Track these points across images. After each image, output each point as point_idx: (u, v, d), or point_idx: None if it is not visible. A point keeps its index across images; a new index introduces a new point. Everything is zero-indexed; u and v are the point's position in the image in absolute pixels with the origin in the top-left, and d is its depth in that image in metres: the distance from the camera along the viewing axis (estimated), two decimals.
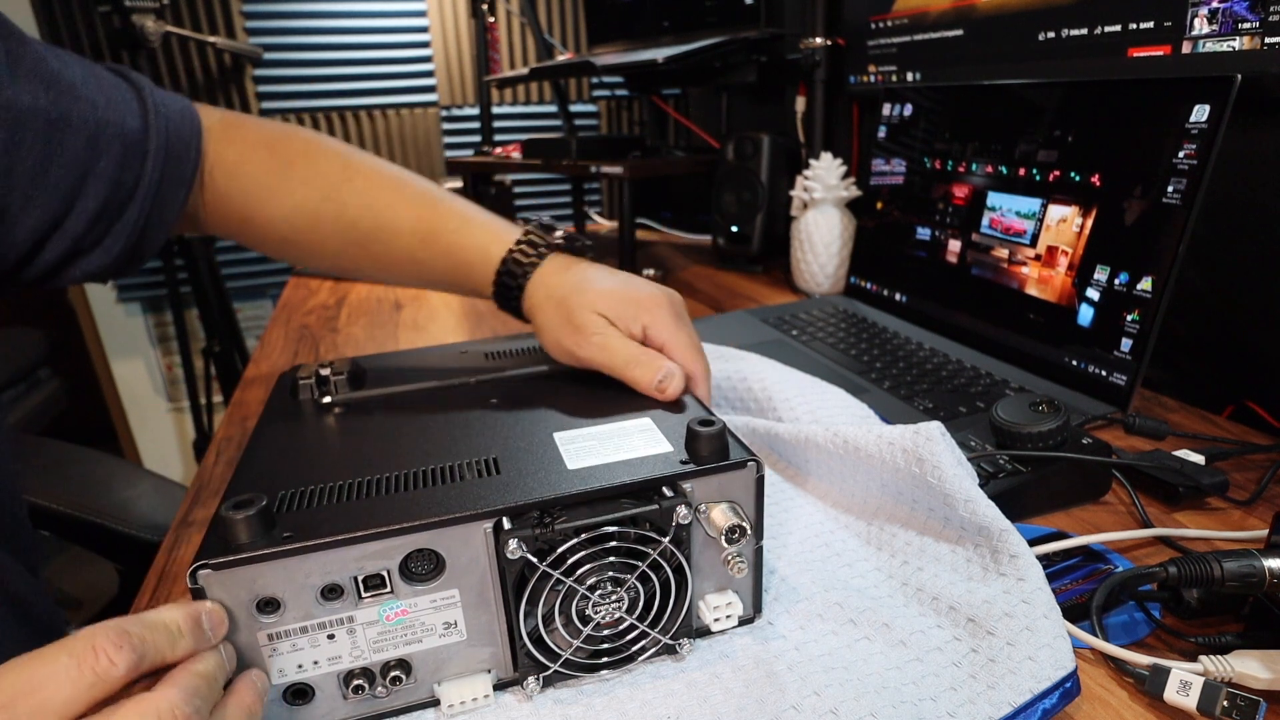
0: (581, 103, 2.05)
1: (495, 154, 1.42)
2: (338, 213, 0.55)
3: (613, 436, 0.41)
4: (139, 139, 0.49)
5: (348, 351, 0.92)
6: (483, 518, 0.34)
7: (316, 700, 0.35)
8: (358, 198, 0.55)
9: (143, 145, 0.49)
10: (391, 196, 0.56)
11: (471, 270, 0.55)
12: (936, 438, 0.45)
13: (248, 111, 1.78)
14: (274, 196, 0.55)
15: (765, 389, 0.60)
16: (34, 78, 0.44)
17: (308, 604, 0.33)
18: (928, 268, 0.87)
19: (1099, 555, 0.47)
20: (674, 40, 1.31)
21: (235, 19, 1.72)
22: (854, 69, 1.09)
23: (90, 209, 0.47)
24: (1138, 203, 0.63)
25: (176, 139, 0.52)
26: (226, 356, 1.81)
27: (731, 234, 1.22)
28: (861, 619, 0.41)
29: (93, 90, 0.47)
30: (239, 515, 0.32)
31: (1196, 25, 0.64)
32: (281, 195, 0.55)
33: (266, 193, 0.55)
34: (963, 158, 0.83)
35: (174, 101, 0.53)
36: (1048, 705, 0.34)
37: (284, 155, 0.56)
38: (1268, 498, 0.53)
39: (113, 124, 0.48)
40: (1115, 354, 0.65)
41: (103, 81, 0.49)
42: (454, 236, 0.55)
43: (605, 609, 0.36)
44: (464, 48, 1.89)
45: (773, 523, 0.50)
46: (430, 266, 0.56)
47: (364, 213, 0.55)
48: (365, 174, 0.56)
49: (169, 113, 0.52)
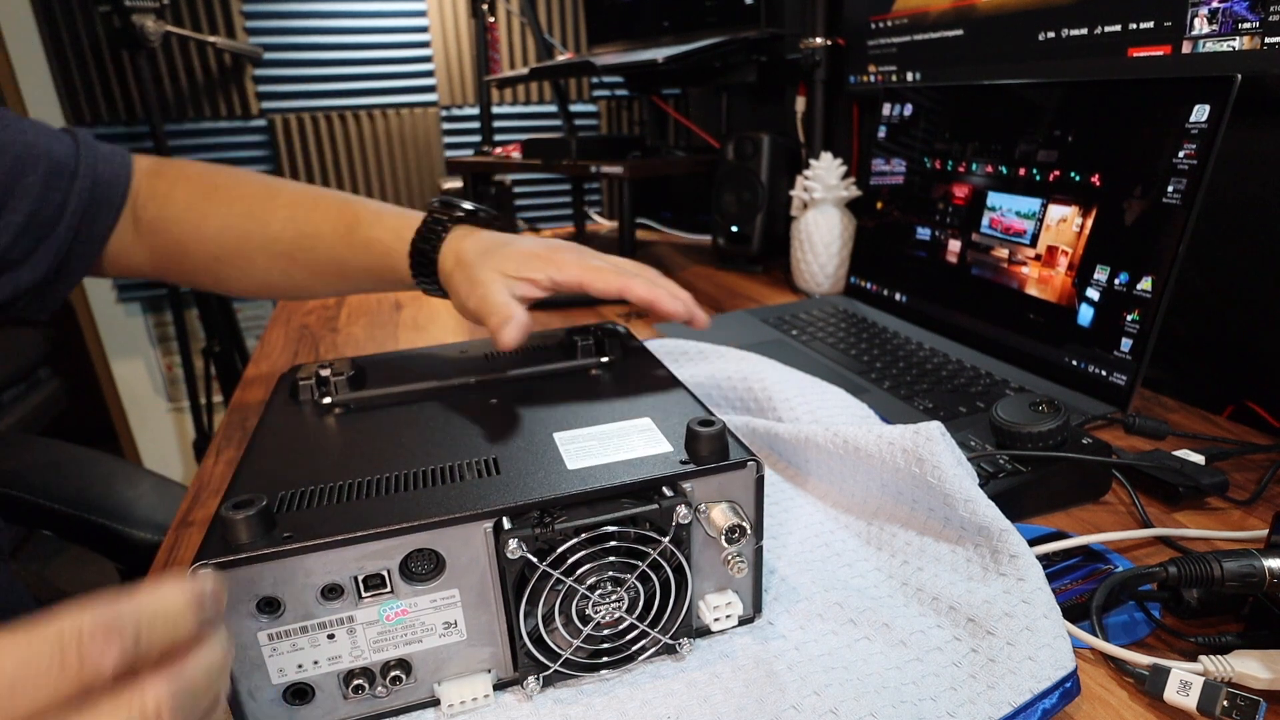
0: (581, 103, 2.05)
1: (495, 154, 1.42)
2: (262, 228, 0.59)
3: (612, 436, 0.41)
4: (66, 163, 0.54)
5: (348, 351, 0.92)
6: (483, 518, 0.34)
7: (316, 700, 0.35)
8: (280, 211, 0.59)
9: (71, 168, 0.54)
10: (310, 206, 0.60)
11: (390, 255, 0.58)
12: (936, 438, 0.45)
13: (249, 112, 1.79)
14: (203, 219, 0.59)
15: (765, 389, 0.60)
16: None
17: (308, 604, 0.33)
18: (928, 268, 0.87)
19: (1099, 555, 0.47)
20: (674, 40, 1.31)
21: (235, 19, 1.72)
22: (854, 69, 1.09)
23: (16, 222, 0.51)
24: (1138, 203, 0.63)
25: (105, 166, 0.56)
26: (226, 356, 1.81)
27: (731, 234, 1.22)
28: (861, 619, 0.41)
29: (26, 125, 0.53)
30: (239, 515, 0.32)
31: (1196, 25, 0.64)
32: (210, 217, 0.59)
33: (196, 215, 0.59)
34: (963, 158, 0.83)
35: (106, 145, 0.58)
36: (1048, 705, 0.34)
37: (209, 183, 0.61)
38: (1268, 498, 0.53)
39: (39, 147, 0.53)
40: (1115, 354, 0.65)
41: (39, 125, 0.55)
42: (369, 230, 0.59)
43: (605, 609, 0.36)
44: (464, 48, 1.89)
45: (773, 523, 0.50)
46: (354, 264, 0.60)
47: (287, 225, 0.59)
48: (285, 192, 0.61)
49: (99, 148, 0.57)
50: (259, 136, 1.82)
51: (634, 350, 0.55)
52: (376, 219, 0.60)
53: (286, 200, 0.60)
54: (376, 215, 0.60)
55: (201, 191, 0.60)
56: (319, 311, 1.10)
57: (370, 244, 0.59)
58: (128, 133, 1.75)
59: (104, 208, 0.56)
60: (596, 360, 0.52)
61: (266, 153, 1.83)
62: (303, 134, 1.84)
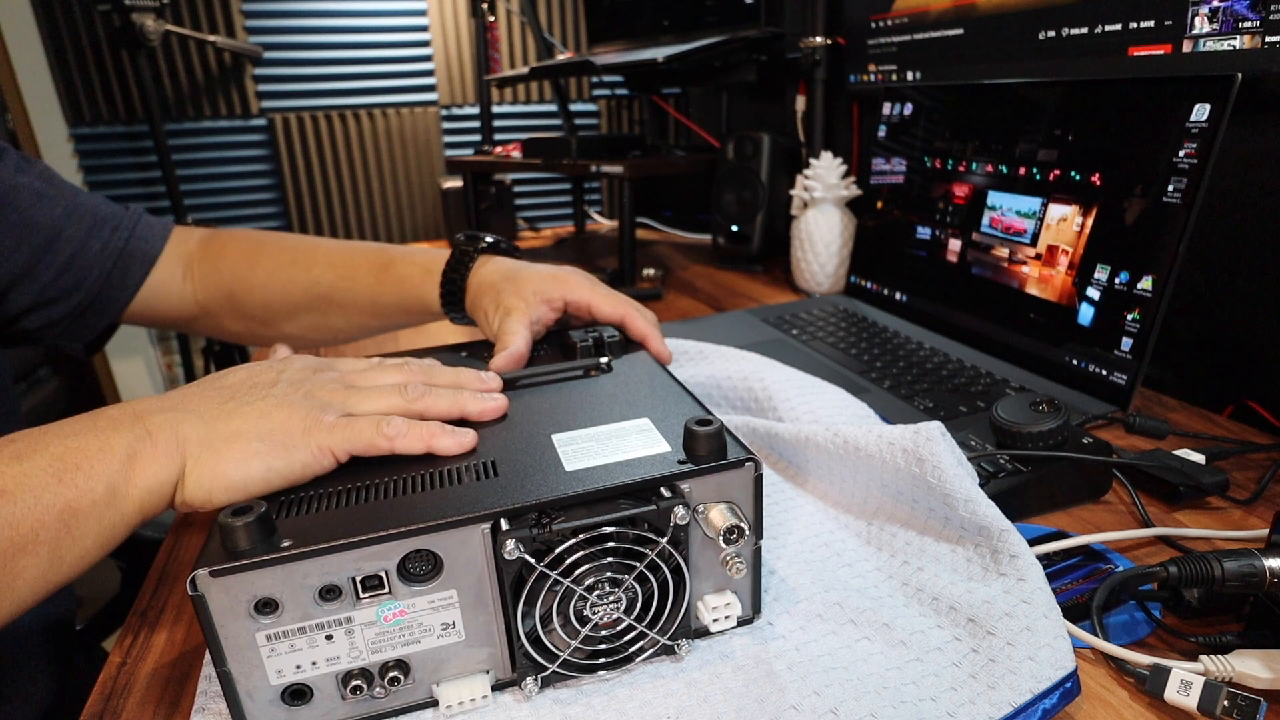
0: (581, 102, 2.05)
1: (495, 153, 1.42)
2: (305, 273, 0.67)
3: (610, 437, 0.40)
4: (110, 218, 0.63)
5: (348, 353, 0.92)
6: (480, 520, 0.34)
7: (315, 701, 0.35)
8: (320, 259, 0.67)
9: (113, 223, 0.63)
10: (347, 252, 0.68)
11: (421, 289, 0.64)
12: (936, 437, 0.45)
13: (249, 111, 1.79)
14: (252, 269, 0.67)
15: (765, 389, 0.60)
16: (35, 173, 0.60)
17: (306, 605, 0.33)
18: (928, 267, 0.87)
19: (1099, 555, 0.47)
20: (674, 39, 1.31)
21: (235, 18, 1.72)
22: (854, 68, 1.09)
23: (58, 263, 0.59)
24: (1138, 202, 0.63)
25: (145, 227, 0.65)
26: (226, 356, 1.81)
27: (731, 233, 1.22)
28: (861, 619, 0.40)
29: (80, 190, 0.62)
30: (238, 522, 0.32)
31: (1197, 24, 0.64)
32: (258, 267, 0.67)
33: (245, 266, 0.67)
34: (963, 157, 0.82)
35: (155, 217, 0.67)
36: (1048, 705, 0.34)
37: (257, 240, 0.69)
38: (1268, 497, 0.53)
39: (88, 205, 0.62)
40: (1115, 353, 0.65)
41: (95, 195, 0.64)
42: (401, 268, 0.65)
43: (603, 609, 0.36)
44: (464, 47, 1.89)
45: (772, 523, 0.50)
46: (387, 301, 0.66)
47: (326, 270, 0.66)
48: (324, 243, 0.69)
49: (146, 216, 0.66)
50: (259, 136, 1.82)
51: (633, 351, 0.55)
52: (407, 257, 0.66)
53: (326, 250, 0.68)
54: (407, 254, 0.66)
55: (251, 247, 0.68)
56: None
57: (402, 280, 0.65)
58: (127, 132, 1.75)
59: (138, 259, 0.64)
60: (595, 361, 0.52)
61: (266, 152, 1.83)
62: (303, 133, 1.84)
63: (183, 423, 0.38)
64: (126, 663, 0.42)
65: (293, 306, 0.67)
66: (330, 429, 0.38)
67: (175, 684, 0.40)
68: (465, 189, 1.44)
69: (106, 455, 0.36)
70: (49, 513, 0.34)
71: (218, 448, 0.37)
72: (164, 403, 0.39)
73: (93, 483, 0.35)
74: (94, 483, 0.35)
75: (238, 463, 0.37)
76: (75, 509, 0.35)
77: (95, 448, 0.36)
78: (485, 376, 0.47)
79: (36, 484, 0.34)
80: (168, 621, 0.45)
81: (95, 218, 0.62)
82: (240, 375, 0.42)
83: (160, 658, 0.42)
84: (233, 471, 0.37)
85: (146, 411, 0.38)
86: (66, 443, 0.36)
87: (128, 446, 0.36)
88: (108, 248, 0.62)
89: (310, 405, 0.39)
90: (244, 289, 0.67)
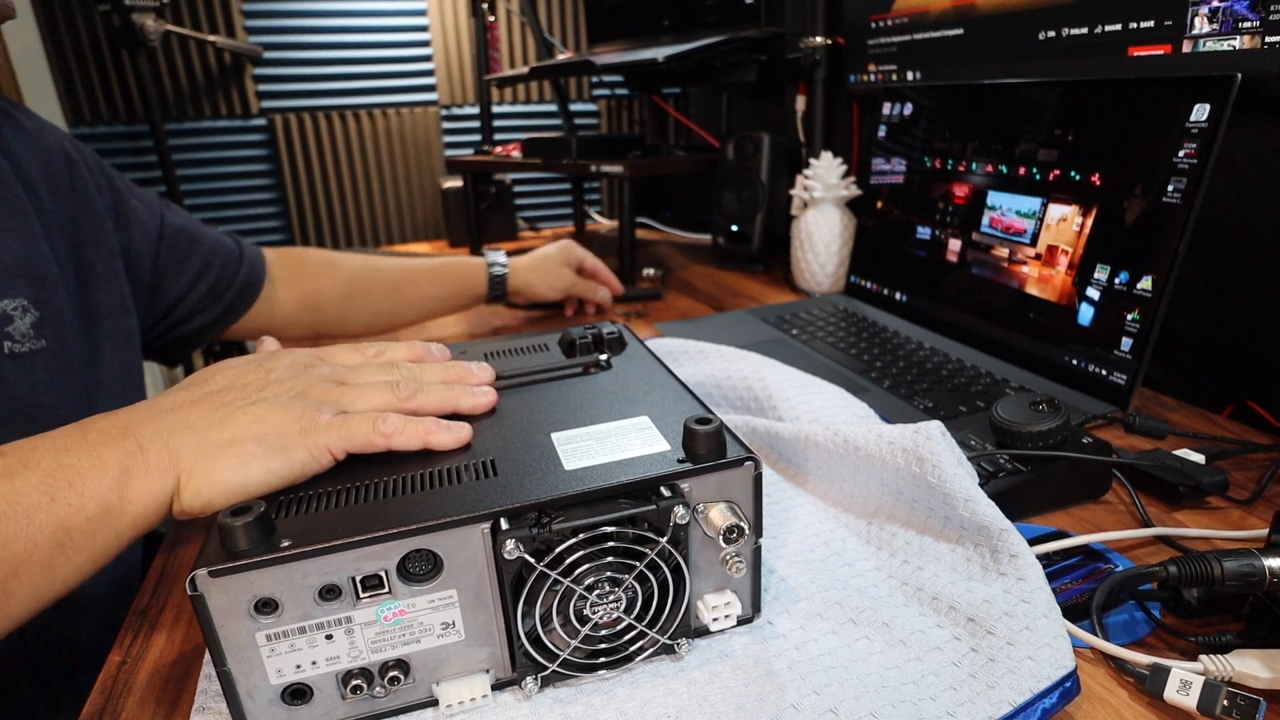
0: (581, 102, 2.05)
1: (495, 153, 1.42)
2: (377, 271, 0.88)
3: (610, 436, 0.40)
4: (234, 253, 0.78)
5: None
6: (480, 519, 0.34)
7: (315, 700, 0.35)
8: (388, 262, 0.89)
9: (237, 257, 0.78)
10: (408, 260, 0.91)
11: (474, 279, 0.92)
12: (936, 437, 0.45)
13: (249, 111, 1.79)
14: (335, 269, 0.86)
15: (765, 388, 0.60)
16: (181, 216, 0.75)
17: (305, 605, 0.33)
18: (928, 267, 0.87)
19: (1099, 555, 0.47)
20: (674, 39, 1.31)
21: (235, 18, 1.72)
22: (854, 68, 1.09)
23: (202, 290, 0.74)
24: (1138, 202, 0.63)
25: (252, 256, 0.80)
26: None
27: (731, 233, 1.22)
28: (861, 618, 0.40)
29: (208, 227, 0.77)
30: (238, 522, 0.32)
31: (1197, 24, 0.64)
32: (340, 267, 0.86)
33: (329, 267, 0.86)
34: (963, 157, 0.82)
35: (248, 243, 0.81)
36: (1048, 705, 0.34)
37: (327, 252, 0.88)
38: (1268, 497, 0.53)
39: (221, 244, 0.76)
40: (1115, 353, 0.65)
41: (216, 230, 0.79)
42: (455, 267, 0.92)
43: (603, 609, 0.36)
44: (464, 47, 1.88)
45: (772, 522, 0.50)
46: (443, 292, 0.91)
47: (396, 271, 0.89)
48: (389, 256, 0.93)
49: (247, 245, 0.80)
50: (259, 136, 1.82)
51: (633, 350, 0.55)
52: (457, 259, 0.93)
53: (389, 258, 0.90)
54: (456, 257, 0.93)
55: (328, 256, 0.87)
56: None
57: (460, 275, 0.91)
58: (128, 132, 1.74)
59: (251, 288, 0.78)
60: (595, 359, 0.52)
61: (266, 152, 1.83)
62: (303, 133, 1.83)
63: (174, 434, 0.38)
64: (126, 662, 0.42)
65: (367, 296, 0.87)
66: (327, 428, 0.38)
67: (175, 684, 0.40)
68: (465, 189, 1.44)
69: (99, 472, 0.36)
70: (42, 533, 0.34)
71: (213, 455, 0.37)
72: (153, 410, 0.39)
73: (85, 500, 0.35)
74: (87, 501, 0.35)
75: (235, 468, 0.37)
76: (69, 528, 0.35)
77: (88, 464, 0.36)
78: (475, 369, 0.47)
79: (29, 503, 0.34)
80: (168, 621, 0.45)
81: (227, 253, 0.76)
82: (227, 376, 0.42)
83: (160, 658, 0.42)
84: (230, 477, 0.36)
85: (136, 423, 0.38)
86: (59, 459, 0.35)
87: (119, 462, 0.36)
88: (235, 280, 0.76)
89: (304, 405, 0.39)
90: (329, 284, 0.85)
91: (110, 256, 0.64)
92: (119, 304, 0.65)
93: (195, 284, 0.74)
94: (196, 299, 0.74)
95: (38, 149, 0.61)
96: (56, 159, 0.62)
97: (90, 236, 0.63)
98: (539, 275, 0.94)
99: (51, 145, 0.62)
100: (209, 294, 0.75)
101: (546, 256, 0.95)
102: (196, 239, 0.74)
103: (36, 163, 0.60)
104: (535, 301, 0.99)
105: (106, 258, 0.64)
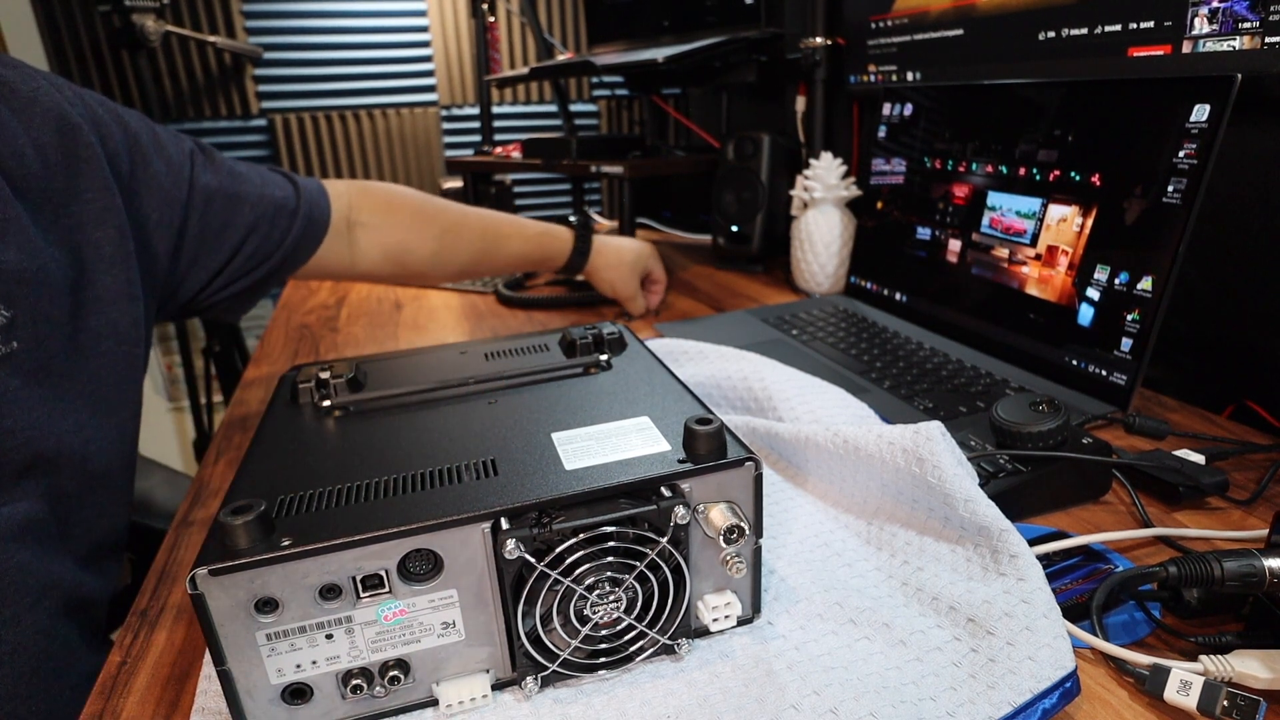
0: (581, 102, 2.05)
1: (495, 154, 1.42)
2: (469, 230, 0.85)
3: (610, 436, 0.40)
4: (288, 203, 0.70)
5: (348, 351, 0.92)
6: (480, 519, 0.34)
7: (315, 700, 0.35)
8: (479, 222, 0.87)
9: (291, 207, 0.70)
10: (498, 220, 0.89)
11: (558, 252, 0.92)
12: (936, 437, 0.45)
13: (249, 112, 1.79)
14: (423, 226, 0.82)
15: (765, 389, 0.60)
16: (220, 171, 0.66)
17: (306, 604, 0.33)
18: (928, 267, 0.87)
19: (1099, 555, 0.47)
20: (674, 40, 1.31)
21: (235, 18, 1.72)
22: (854, 68, 1.09)
23: (247, 253, 0.67)
24: (1138, 202, 0.63)
25: (314, 207, 0.73)
26: (226, 356, 1.81)
27: (731, 234, 1.22)
28: (861, 619, 0.40)
29: (255, 175, 0.69)
30: (238, 521, 0.32)
31: (1197, 25, 0.64)
32: (428, 226, 0.82)
33: (419, 222, 0.82)
34: (963, 157, 0.83)
35: (312, 183, 0.75)
36: (1048, 705, 0.34)
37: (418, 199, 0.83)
38: (1268, 497, 0.53)
39: (268, 197, 0.68)
40: (1115, 353, 0.65)
41: (264, 172, 0.71)
42: (545, 238, 0.91)
43: (603, 609, 0.36)
44: (464, 47, 1.89)
45: (772, 523, 0.50)
46: (525, 254, 0.90)
47: (486, 229, 0.87)
48: (477, 210, 0.88)
49: (310, 188, 0.73)
50: (259, 136, 1.82)
51: (633, 350, 0.55)
52: (540, 223, 0.92)
53: (478, 213, 0.87)
54: (537, 222, 0.92)
55: (421, 207, 0.82)
56: (319, 311, 1.10)
57: (540, 240, 0.91)
58: None
59: (309, 240, 0.72)
60: (595, 359, 0.52)
61: (266, 152, 1.83)
62: (303, 134, 1.84)
63: None
64: (126, 662, 0.42)
65: (457, 241, 0.84)
66: None
67: (175, 684, 0.40)
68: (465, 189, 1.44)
69: None
70: None
71: None
72: None
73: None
74: None
75: None
76: None
77: None
78: None
79: None
80: (168, 621, 0.45)
81: (276, 208, 0.69)
82: None
83: (160, 657, 0.42)
84: None
85: None
86: None
87: None
88: (288, 236, 0.70)
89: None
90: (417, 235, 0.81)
91: (120, 238, 0.56)
92: (125, 291, 0.57)
93: (235, 254, 0.66)
94: (240, 265, 0.67)
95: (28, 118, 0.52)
96: (49, 128, 0.53)
97: (95, 215, 0.55)
98: (611, 273, 0.95)
99: (47, 110, 0.53)
100: (254, 256, 0.68)
101: (623, 261, 0.96)
102: (237, 200, 0.66)
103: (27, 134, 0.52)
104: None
105: (114, 238, 0.56)
